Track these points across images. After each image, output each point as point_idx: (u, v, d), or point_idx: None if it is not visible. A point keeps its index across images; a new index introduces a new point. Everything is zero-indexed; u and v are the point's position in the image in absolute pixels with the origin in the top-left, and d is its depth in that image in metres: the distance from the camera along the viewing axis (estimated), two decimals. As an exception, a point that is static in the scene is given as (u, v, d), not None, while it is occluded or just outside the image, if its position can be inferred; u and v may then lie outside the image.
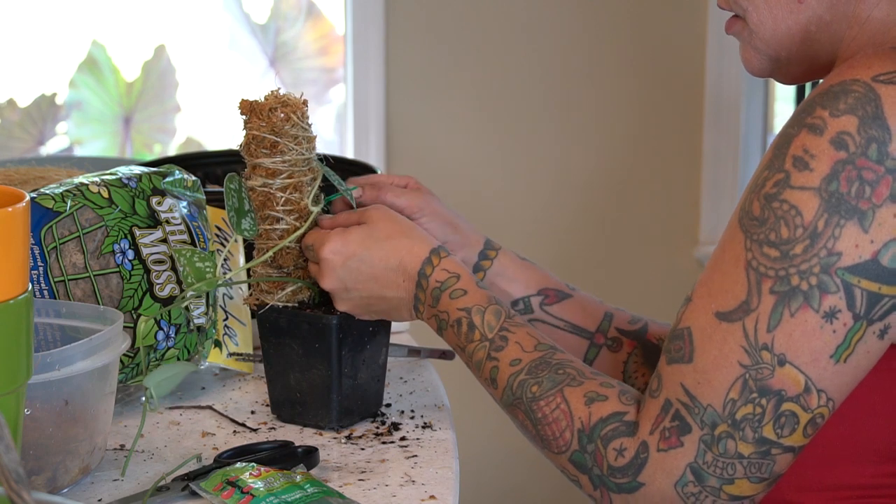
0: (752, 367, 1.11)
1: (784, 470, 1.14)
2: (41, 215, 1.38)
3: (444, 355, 1.61)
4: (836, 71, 1.12)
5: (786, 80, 1.27)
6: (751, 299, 1.11)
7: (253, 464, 1.24)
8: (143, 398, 1.43)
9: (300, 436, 1.39)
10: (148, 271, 1.42)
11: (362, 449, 1.36)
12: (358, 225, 1.37)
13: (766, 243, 1.11)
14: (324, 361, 1.38)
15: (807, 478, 1.19)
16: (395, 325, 1.56)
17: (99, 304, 1.39)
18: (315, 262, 1.38)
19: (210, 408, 1.46)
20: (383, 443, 1.37)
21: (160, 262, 1.43)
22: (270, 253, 1.38)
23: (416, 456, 1.34)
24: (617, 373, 1.47)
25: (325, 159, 1.42)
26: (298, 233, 1.38)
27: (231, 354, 1.52)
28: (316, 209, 1.38)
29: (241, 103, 1.37)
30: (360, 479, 1.28)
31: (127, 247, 1.42)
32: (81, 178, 1.44)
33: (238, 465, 1.24)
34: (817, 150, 1.09)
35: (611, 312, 1.48)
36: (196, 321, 1.45)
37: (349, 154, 3.19)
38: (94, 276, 1.40)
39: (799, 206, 1.09)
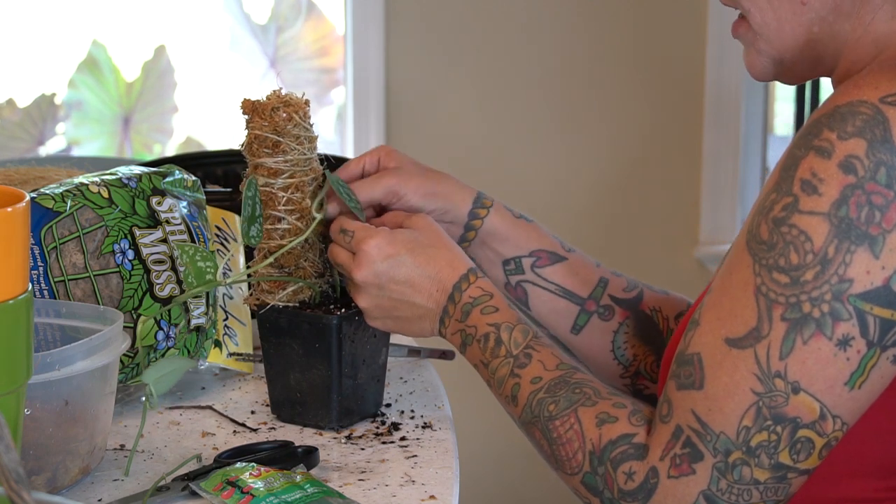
0: (766, 394, 1.10)
1: (798, 489, 1.13)
2: (41, 215, 1.38)
3: (444, 355, 1.61)
4: (841, 89, 1.11)
5: (789, 81, 1.27)
6: (761, 326, 1.10)
7: (253, 464, 1.24)
8: (144, 398, 1.43)
9: (300, 436, 1.39)
10: (148, 271, 1.42)
11: (362, 449, 1.36)
12: (403, 228, 1.36)
13: (775, 269, 1.10)
14: (324, 361, 1.37)
15: (811, 493, 1.18)
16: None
17: (99, 304, 1.39)
18: (349, 249, 1.36)
19: (210, 408, 1.46)
20: (383, 443, 1.37)
21: (160, 262, 1.43)
22: (272, 258, 1.38)
23: (416, 456, 1.34)
24: (606, 342, 1.46)
25: (327, 159, 1.42)
26: (302, 237, 1.38)
27: (231, 354, 1.52)
28: (319, 216, 1.38)
29: (243, 103, 1.37)
30: (360, 479, 1.28)
31: (127, 247, 1.42)
32: (81, 178, 1.44)
33: (238, 465, 1.24)
34: (826, 174, 1.08)
35: (606, 278, 1.46)
36: (196, 321, 1.45)
37: (349, 154, 3.19)
38: (94, 276, 1.40)
39: (808, 231, 1.08)
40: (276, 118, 1.35)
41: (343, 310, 1.39)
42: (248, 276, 1.43)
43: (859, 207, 1.07)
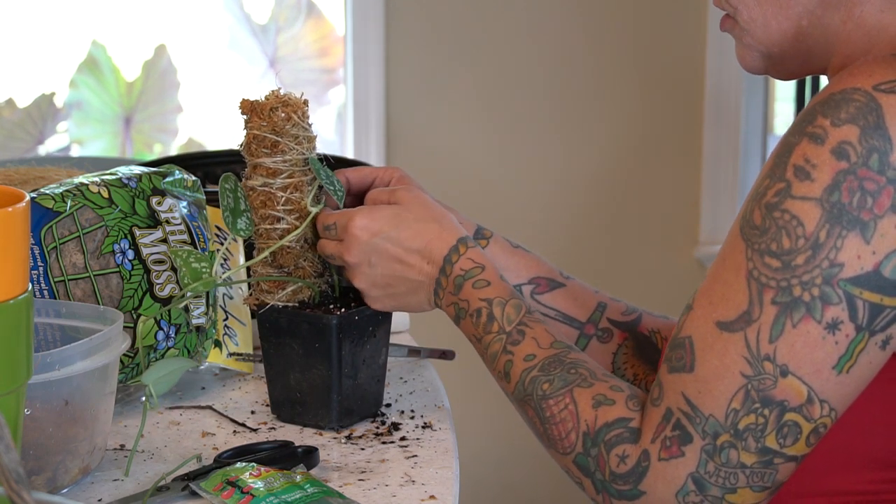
0: (755, 377, 1.10)
1: (786, 478, 1.13)
2: (41, 215, 1.38)
3: (444, 355, 1.61)
4: (836, 78, 1.12)
5: (781, 77, 1.27)
6: (752, 309, 1.11)
7: (253, 464, 1.24)
8: (143, 398, 1.43)
9: (300, 436, 1.39)
10: (148, 271, 1.42)
11: (362, 449, 1.36)
12: (388, 204, 1.37)
13: (767, 253, 1.10)
14: (324, 361, 1.37)
15: (804, 484, 1.18)
16: (395, 325, 1.56)
17: (99, 304, 1.39)
18: (337, 239, 1.37)
19: (210, 408, 1.46)
20: (383, 443, 1.37)
21: (160, 262, 1.43)
22: (267, 252, 1.38)
23: (416, 456, 1.34)
24: (606, 363, 1.46)
25: (326, 159, 1.42)
26: (297, 232, 1.38)
27: (231, 354, 1.52)
28: (315, 210, 1.38)
29: (241, 103, 1.37)
30: (360, 479, 1.28)
31: (127, 247, 1.42)
32: (81, 178, 1.44)
33: (238, 465, 1.24)
34: (818, 160, 1.09)
35: (604, 303, 1.47)
36: (196, 321, 1.45)
37: (349, 154, 3.19)
38: (94, 276, 1.40)
39: (800, 216, 1.09)
40: (274, 118, 1.35)
41: (343, 310, 1.39)
42: (249, 275, 1.43)
43: (851, 193, 1.08)
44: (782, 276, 1.10)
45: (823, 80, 2.76)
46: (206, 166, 1.79)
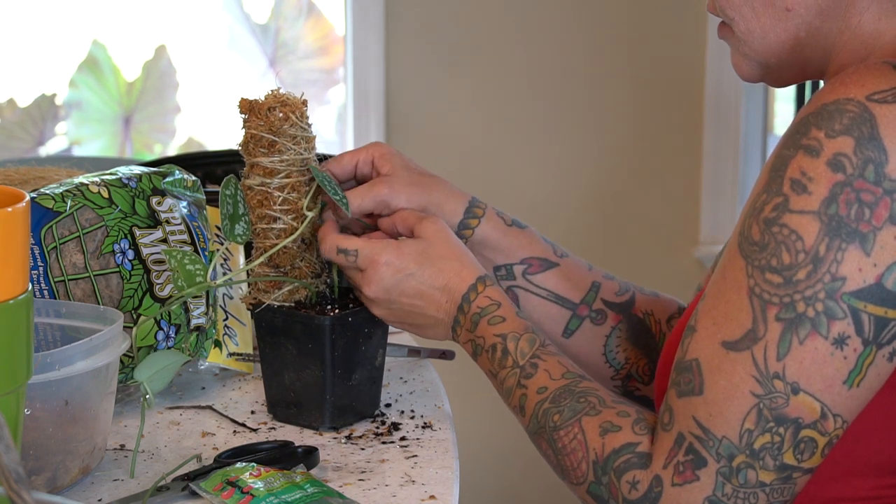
0: (766, 396, 1.10)
1: (802, 488, 1.13)
2: (41, 215, 1.38)
3: (444, 355, 1.61)
4: (828, 86, 1.11)
5: (776, 84, 1.27)
6: (757, 327, 1.10)
7: (253, 464, 1.24)
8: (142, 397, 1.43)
9: (300, 436, 1.39)
10: (148, 271, 1.42)
11: (362, 449, 1.36)
12: (412, 238, 1.36)
13: (767, 269, 1.09)
14: (317, 362, 1.37)
15: (808, 492, 1.18)
16: (394, 325, 1.56)
17: (99, 304, 1.39)
18: (352, 267, 1.37)
19: (210, 408, 1.46)
20: (383, 443, 1.37)
21: (160, 262, 1.43)
22: (265, 256, 1.38)
23: (416, 456, 1.34)
24: (598, 346, 1.45)
25: (325, 160, 1.42)
26: (295, 235, 1.38)
27: (231, 354, 1.52)
28: (311, 214, 1.38)
29: (240, 102, 1.37)
30: (360, 479, 1.28)
31: (127, 247, 1.42)
32: (81, 178, 1.44)
33: (238, 465, 1.24)
34: (815, 173, 1.08)
35: (598, 282, 1.46)
36: (196, 321, 1.45)
37: (349, 154, 3.18)
38: (94, 276, 1.40)
39: (799, 230, 1.08)
40: (272, 118, 1.35)
41: (337, 311, 1.39)
42: (247, 275, 1.43)
43: (849, 205, 1.07)
44: (784, 291, 1.09)
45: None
46: (206, 166, 1.79)
